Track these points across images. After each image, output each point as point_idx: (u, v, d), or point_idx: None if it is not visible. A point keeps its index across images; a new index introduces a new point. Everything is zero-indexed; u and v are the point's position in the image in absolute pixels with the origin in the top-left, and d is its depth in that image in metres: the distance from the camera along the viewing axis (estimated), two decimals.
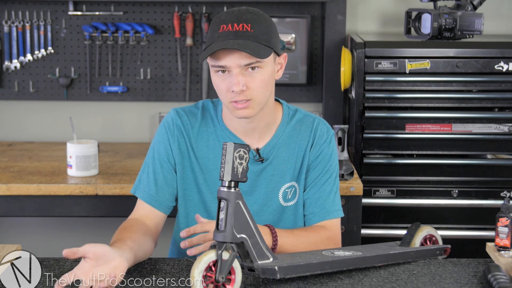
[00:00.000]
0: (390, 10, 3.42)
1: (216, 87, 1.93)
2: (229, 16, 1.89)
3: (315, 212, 2.05)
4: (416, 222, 2.03)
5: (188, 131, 2.04)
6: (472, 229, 2.98)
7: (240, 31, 1.86)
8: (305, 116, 2.08)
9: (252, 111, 1.91)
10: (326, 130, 2.08)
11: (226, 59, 1.87)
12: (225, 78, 1.89)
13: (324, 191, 2.05)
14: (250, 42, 1.85)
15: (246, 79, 1.88)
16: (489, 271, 1.75)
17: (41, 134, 3.49)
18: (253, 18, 1.88)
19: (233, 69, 1.87)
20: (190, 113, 2.06)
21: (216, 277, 1.61)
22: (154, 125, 3.48)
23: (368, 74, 2.94)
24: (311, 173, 2.05)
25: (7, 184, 2.70)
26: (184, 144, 2.04)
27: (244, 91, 1.88)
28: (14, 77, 3.42)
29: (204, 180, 2.03)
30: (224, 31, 1.87)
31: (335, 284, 1.76)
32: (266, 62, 1.90)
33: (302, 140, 2.05)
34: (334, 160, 2.08)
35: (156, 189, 2.03)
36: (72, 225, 3.49)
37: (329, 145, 2.07)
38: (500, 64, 2.91)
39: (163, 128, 2.06)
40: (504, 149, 2.97)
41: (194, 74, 3.44)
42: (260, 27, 1.88)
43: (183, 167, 2.04)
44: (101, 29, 3.36)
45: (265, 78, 1.90)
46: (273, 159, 2.03)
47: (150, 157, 2.07)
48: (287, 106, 2.10)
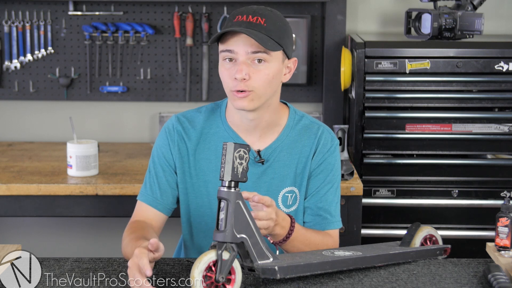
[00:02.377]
0: (390, 10, 3.42)
1: (221, 76, 1.95)
2: (246, 9, 1.92)
3: (315, 221, 2.04)
4: (416, 222, 2.03)
5: (190, 136, 2.05)
6: (472, 229, 2.98)
7: (254, 22, 1.88)
8: (311, 123, 2.07)
9: (251, 104, 1.92)
10: (331, 139, 2.06)
11: (235, 43, 1.89)
12: (230, 67, 1.91)
13: (326, 201, 2.04)
14: (260, 33, 1.88)
15: (250, 69, 1.89)
16: (489, 271, 1.75)
17: (41, 134, 3.49)
18: (269, 15, 1.91)
19: (240, 56, 1.89)
20: (192, 118, 2.07)
21: (216, 277, 1.61)
22: (154, 125, 3.48)
23: (368, 74, 2.94)
24: (313, 181, 2.04)
25: (7, 184, 2.70)
26: (185, 149, 2.04)
27: (246, 80, 1.89)
28: (14, 77, 3.42)
29: (204, 182, 2.04)
30: (238, 20, 1.90)
31: (335, 284, 1.76)
32: (273, 58, 1.91)
33: (305, 146, 2.04)
34: (337, 170, 2.07)
35: (161, 193, 2.04)
36: (72, 225, 3.49)
37: (333, 154, 2.05)
38: (500, 64, 2.91)
39: (163, 133, 2.07)
40: (504, 149, 2.97)
41: (194, 74, 3.44)
42: (274, 24, 1.91)
43: (183, 171, 2.05)
44: (101, 29, 3.36)
45: (270, 74, 1.92)
46: (273, 162, 2.03)
47: (152, 163, 2.08)
48: (294, 110, 2.09)
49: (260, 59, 1.90)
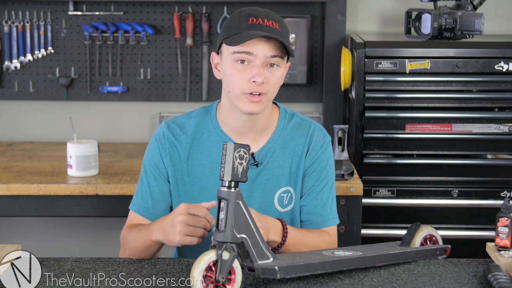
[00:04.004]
0: (390, 10, 3.42)
1: (228, 77, 1.92)
2: (256, 11, 1.92)
3: (312, 220, 2.04)
4: (416, 222, 2.03)
5: (182, 142, 2.03)
6: (472, 229, 2.97)
7: (271, 27, 1.90)
8: (302, 121, 2.07)
9: (262, 107, 1.93)
10: (323, 136, 2.07)
11: (256, 47, 1.88)
12: (244, 69, 1.90)
13: (321, 198, 2.04)
14: (281, 38, 1.89)
15: (266, 73, 1.90)
16: (489, 271, 1.75)
17: (41, 134, 3.49)
18: (279, 20, 1.93)
19: (258, 60, 1.89)
20: (182, 124, 2.05)
21: (216, 277, 1.61)
22: (154, 125, 3.48)
23: (368, 74, 2.94)
24: (308, 179, 2.04)
25: (7, 184, 2.70)
26: (177, 157, 2.03)
27: (263, 84, 1.90)
28: (14, 77, 3.42)
29: (198, 188, 2.02)
30: (254, 23, 1.89)
31: (335, 284, 1.76)
32: (283, 62, 1.93)
33: (297, 145, 2.04)
34: (330, 167, 2.07)
35: (153, 203, 2.03)
36: (72, 225, 3.49)
37: (325, 152, 2.06)
38: (500, 64, 2.91)
39: (154, 142, 2.05)
40: (504, 149, 2.97)
41: (194, 74, 3.44)
42: (284, 29, 1.93)
43: (176, 179, 2.03)
44: (101, 29, 3.36)
45: (280, 77, 1.94)
46: (268, 163, 2.02)
47: (144, 172, 2.06)
48: (284, 109, 2.09)
49: (273, 63, 1.91)
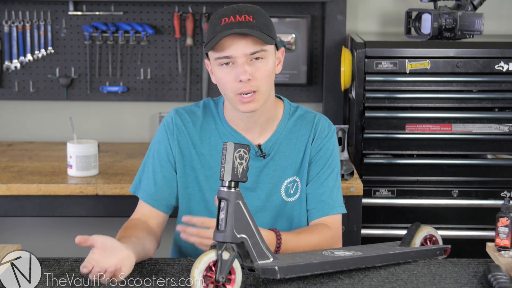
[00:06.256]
0: (390, 10, 3.42)
1: (220, 81, 1.94)
2: (229, 10, 1.92)
3: (317, 207, 2.05)
4: (416, 222, 2.03)
5: (190, 129, 2.05)
6: (472, 229, 2.97)
7: (243, 21, 1.88)
8: (306, 113, 2.10)
9: (257, 104, 1.93)
10: (328, 125, 2.09)
11: (231, 48, 1.88)
12: (230, 71, 1.91)
13: (327, 186, 2.05)
14: (254, 30, 1.88)
15: (251, 69, 1.90)
16: (489, 271, 1.75)
17: (41, 134, 3.49)
18: (253, 11, 1.92)
19: (239, 59, 1.89)
20: (191, 111, 2.07)
21: (216, 277, 1.61)
22: (154, 125, 3.48)
23: (368, 74, 2.94)
24: (313, 167, 2.05)
25: (7, 184, 2.70)
26: (185, 143, 2.04)
27: (250, 81, 1.89)
28: (14, 77, 3.42)
29: (205, 177, 2.04)
30: (226, 23, 1.89)
31: (335, 284, 1.76)
32: (268, 53, 1.92)
33: (303, 135, 2.06)
34: (335, 155, 2.08)
35: (156, 189, 2.04)
36: (72, 225, 3.49)
37: (330, 140, 2.07)
38: (500, 64, 2.91)
39: (162, 128, 2.07)
40: (504, 149, 2.97)
41: (194, 74, 3.44)
42: (261, 18, 1.92)
43: (184, 165, 2.04)
44: (101, 29, 3.36)
45: (269, 69, 1.93)
46: (275, 155, 2.04)
47: (150, 157, 2.07)
48: (289, 102, 2.11)
49: (258, 57, 1.90)
